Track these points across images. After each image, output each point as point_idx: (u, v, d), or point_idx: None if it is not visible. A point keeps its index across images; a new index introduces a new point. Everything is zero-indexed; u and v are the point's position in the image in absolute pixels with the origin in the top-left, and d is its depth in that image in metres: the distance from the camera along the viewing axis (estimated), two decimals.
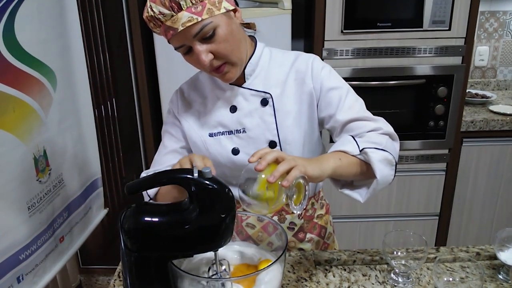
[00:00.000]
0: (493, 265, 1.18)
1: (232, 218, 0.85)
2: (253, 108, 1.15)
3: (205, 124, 1.18)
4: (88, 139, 1.86)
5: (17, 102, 1.36)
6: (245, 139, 1.15)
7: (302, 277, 1.14)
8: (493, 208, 2.44)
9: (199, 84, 1.24)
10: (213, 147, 1.17)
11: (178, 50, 1.05)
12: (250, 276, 0.90)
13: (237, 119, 1.16)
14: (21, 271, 1.39)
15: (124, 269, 0.88)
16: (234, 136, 1.16)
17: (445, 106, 2.22)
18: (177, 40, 1.01)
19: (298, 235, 1.27)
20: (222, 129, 1.17)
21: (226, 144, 1.16)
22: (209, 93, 1.20)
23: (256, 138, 1.15)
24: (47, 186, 1.52)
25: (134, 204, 0.87)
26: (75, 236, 1.74)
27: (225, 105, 1.17)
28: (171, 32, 0.99)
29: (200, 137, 1.18)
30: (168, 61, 2.14)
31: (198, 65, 1.07)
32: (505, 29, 2.68)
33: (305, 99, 1.16)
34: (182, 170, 0.85)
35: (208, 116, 1.18)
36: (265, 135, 1.15)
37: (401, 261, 1.10)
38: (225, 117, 1.16)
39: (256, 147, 1.14)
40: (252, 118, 1.15)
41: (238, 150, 1.16)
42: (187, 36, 1.00)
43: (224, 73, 1.07)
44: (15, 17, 1.34)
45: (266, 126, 1.14)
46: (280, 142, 1.14)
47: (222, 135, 1.17)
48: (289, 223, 1.25)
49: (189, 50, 1.03)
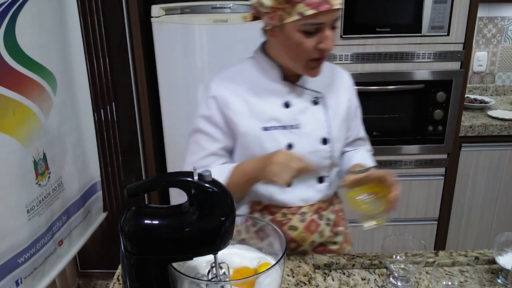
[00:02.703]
0: (492, 270, 1.18)
1: (232, 221, 0.84)
2: (305, 106, 1.19)
3: (257, 117, 1.17)
4: (88, 143, 1.86)
5: (17, 105, 1.36)
6: (299, 135, 1.17)
7: (301, 281, 1.14)
8: (492, 212, 2.45)
9: (244, 76, 1.22)
10: (268, 142, 1.16)
11: (306, 27, 1.04)
12: (249, 279, 0.90)
13: (291, 115, 1.17)
14: (19, 274, 1.38)
15: (123, 272, 0.88)
16: (288, 131, 1.17)
17: (443, 111, 2.23)
18: (321, 16, 1.03)
19: (333, 230, 1.30)
20: (276, 123, 1.17)
21: (281, 139, 1.17)
22: (259, 86, 1.19)
23: (310, 135, 1.18)
24: (47, 190, 1.52)
25: (134, 207, 0.87)
26: (74, 240, 1.74)
27: (279, 100, 1.18)
28: (327, 6, 1.01)
29: (253, 130, 1.17)
30: (168, 65, 2.15)
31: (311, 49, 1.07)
32: (504, 34, 2.69)
33: (348, 105, 1.27)
34: (182, 173, 0.85)
35: (261, 109, 1.18)
36: (317, 132, 1.19)
37: (400, 265, 1.10)
38: (279, 112, 1.17)
39: (309, 143, 1.18)
40: (305, 115, 1.18)
41: (292, 145, 1.17)
42: (331, 16, 1.04)
43: (319, 66, 1.12)
44: (16, 21, 1.34)
45: (318, 123, 1.19)
46: (331, 140, 1.20)
47: (276, 129, 1.17)
48: (326, 219, 1.28)
49: (315, 31, 1.05)
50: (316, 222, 1.25)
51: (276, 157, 1.05)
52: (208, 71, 2.15)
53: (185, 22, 2.08)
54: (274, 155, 1.06)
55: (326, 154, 1.20)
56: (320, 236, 1.26)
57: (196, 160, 1.21)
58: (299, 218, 1.22)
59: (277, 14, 1.05)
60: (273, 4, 1.03)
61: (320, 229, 1.26)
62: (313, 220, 1.24)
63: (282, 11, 1.04)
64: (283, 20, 1.05)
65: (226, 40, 2.10)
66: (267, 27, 1.12)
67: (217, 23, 2.07)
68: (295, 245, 1.26)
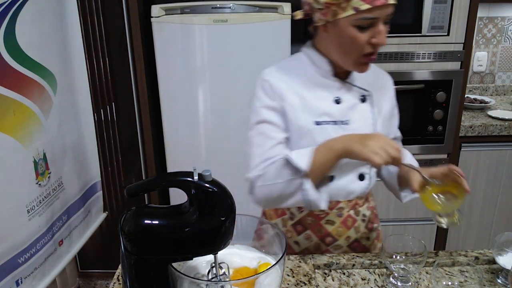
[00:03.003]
0: (492, 270, 1.18)
1: (232, 221, 0.84)
2: (354, 103, 1.21)
3: (310, 111, 1.18)
4: (88, 143, 1.86)
5: (17, 106, 1.36)
6: (348, 131, 1.18)
7: (301, 281, 1.14)
8: (491, 212, 2.45)
9: (295, 71, 1.22)
10: (320, 136, 1.17)
11: (360, 22, 1.05)
12: (249, 279, 0.89)
13: (342, 111, 1.19)
14: (20, 274, 1.38)
15: (123, 272, 0.88)
16: (338, 127, 1.19)
17: (443, 111, 2.23)
18: (376, 11, 1.04)
19: (368, 226, 1.32)
20: (328, 118, 1.18)
21: (332, 134, 1.17)
22: (311, 80, 1.20)
23: (358, 131, 1.18)
24: (47, 190, 1.52)
25: (134, 207, 0.87)
26: (74, 240, 1.74)
27: (330, 95, 1.19)
28: (382, 0, 1.02)
29: (306, 124, 1.18)
30: (168, 65, 2.15)
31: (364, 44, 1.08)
32: (504, 34, 2.69)
33: (390, 104, 1.30)
34: (182, 173, 0.85)
35: (313, 103, 1.18)
36: (365, 129, 1.21)
37: (400, 265, 1.10)
38: (330, 107, 1.19)
39: None
40: (354, 112, 1.20)
41: None
42: (385, 11, 1.05)
43: (369, 62, 1.13)
44: (16, 20, 1.34)
45: (365, 120, 1.22)
46: None
47: (327, 124, 1.18)
48: (362, 215, 1.30)
49: (368, 26, 1.06)
50: (353, 218, 1.27)
51: (376, 138, 1.04)
52: (208, 71, 2.15)
53: (185, 22, 2.08)
54: (373, 135, 1.06)
55: None
56: (356, 231, 1.29)
57: (264, 152, 1.17)
58: (336, 213, 1.25)
59: (331, 9, 1.06)
60: (328, 0, 1.05)
61: (356, 225, 1.28)
62: (350, 215, 1.27)
63: (337, 7, 1.05)
64: (337, 15, 1.06)
65: (226, 40, 2.10)
66: (319, 23, 1.12)
67: (217, 23, 2.07)
68: (330, 239, 1.28)
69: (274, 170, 1.13)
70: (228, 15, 2.07)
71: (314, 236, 1.27)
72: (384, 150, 1.01)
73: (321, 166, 1.10)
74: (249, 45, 2.11)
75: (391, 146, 1.03)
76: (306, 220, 1.27)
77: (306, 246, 1.30)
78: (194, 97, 2.19)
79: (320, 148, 1.11)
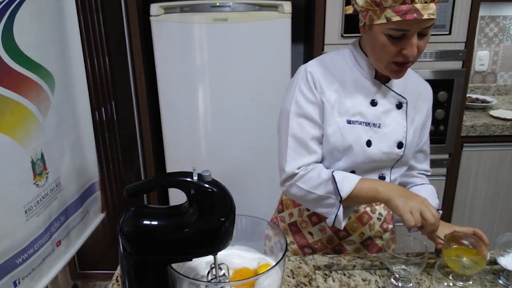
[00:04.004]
0: (493, 270, 1.18)
1: (231, 222, 0.84)
2: (389, 107, 1.21)
3: (344, 108, 1.18)
4: (86, 143, 1.85)
5: (15, 105, 1.35)
6: (379, 134, 1.19)
7: (301, 282, 1.13)
8: (493, 213, 2.44)
9: (337, 67, 1.22)
10: (350, 134, 1.18)
11: (392, 32, 1.05)
12: (249, 280, 0.89)
13: (376, 114, 1.19)
14: (17, 275, 1.38)
15: (122, 272, 0.87)
16: (370, 128, 1.19)
17: (445, 111, 2.22)
18: (409, 24, 1.03)
19: (383, 226, 1.33)
20: (361, 119, 1.19)
21: (362, 135, 1.18)
22: (352, 79, 1.20)
23: (389, 136, 1.20)
24: (44, 190, 1.51)
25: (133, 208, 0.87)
26: (72, 240, 1.74)
27: (367, 97, 1.19)
28: (415, 15, 1.01)
29: (338, 121, 1.18)
30: (167, 64, 2.14)
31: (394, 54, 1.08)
32: (505, 34, 2.68)
33: (425, 116, 1.28)
34: (182, 174, 0.85)
35: (349, 102, 1.19)
36: (396, 135, 1.21)
37: (401, 266, 1.09)
38: (365, 108, 1.19)
39: (387, 143, 1.20)
40: (388, 117, 1.20)
41: (371, 142, 1.19)
42: (419, 25, 1.03)
43: (404, 70, 1.12)
44: (14, 20, 1.34)
45: (398, 127, 1.21)
46: (406, 145, 1.22)
47: (359, 124, 1.19)
48: (378, 213, 1.31)
49: (402, 37, 1.06)
50: (369, 215, 1.29)
51: (420, 200, 1.07)
52: (207, 70, 2.14)
53: (184, 20, 2.07)
54: (419, 197, 1.09)
55: (398, 157, 1.22)
56: (370, 229, 1.30)
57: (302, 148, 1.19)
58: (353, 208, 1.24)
59: (368, 14, 1.08)
60: (364, 5, 1.07)
61: (371, 222, 1.30)
62: (366, 212, 1.29)
63: (373, 13, 1.06)
64: (372, 21, 1.07)
65: (226, 38, 2.09)
66: (361, 24, 1.14)
67: (216, 22, 2.06)
68: (344, 233, 1.29)
69: (316, 180, 1.17)
70: (228, 14, 2.07)
71: (328, 229, 1.29)
72: (419, 213, 1.05)
73: (358, 199, 1.15)
74: (249, 44, 2.10)
75: (431, 212, 1.05)
76: None
77: (320, 238, 1.31)
78: (194, 96, 2.18)
79: (366, 182, 1.14)
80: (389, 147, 1.20)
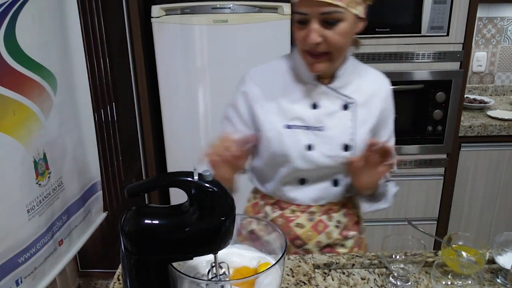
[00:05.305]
0: (491, 269, 1.18)
1: (232, 221, 0.85)
2: (334, 110, 1.18)
3: (282, 114, 1.18)
4: (88, 143, 1.86)
5: (17, 105, 1.36)
6: (321, 137, 1.17)
7: (301, 281, 1.14)
8: (491, 212, 2.45)
9: (278, 72, 1.23)
10: (288, 139, 1.17)
11: (296, 16, 1.07)
12: (249, 279, 0.90)
13: (317, 116, 1.17)
14: (20, 274, 1.38)
15: (124, 271, 0.88)
16: (310, 132, 1.17)
17: (443, 111, 2.23)
18: (306, 6, 1.03)
19: (342, 233, 1.29)
20: (300, 123, 1.17)
21: (302, 139, 1.17)
22: (289, 84, 1.20)
23: (333, 139, 1.17)
24: (47, 189, 1.52)
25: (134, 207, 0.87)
26: (74, 240, 1.74)
27: (307, 100, 1.18)
28: None
29: (275, 127, 1.18)
30: (168, 66, 2.15)
31: (301, 40, 1.09)
32: (503, 35, 2.69)
33: (380, 114, 1.22)
34: (182, 173, 0.85)
35: (287, 107, 1.18)
36: (340, 138, 1.18)
37: (399, 265, 1.10)
38: (305, 112, 1.17)
39: (330, 147, 1.17)
40: (332, 119, 1.18)
41: (312, 146, 1.17)
42: (317, 9, 1.03)
43: (317, 62, 1.10)
44: (16, 21, 1.35)
45: (344, 129, 1.18)
46: (354, 147, 1.18)
47: (299, 128, 1.17)
48: (336, 221, 1.27)
49: (305, 21, 1.06)
50: (325, 223, 1.25)
51: None
52: (208, 71, 2.15)
53: (185, 22, 2.08)
54: None
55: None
56: (328, 237, 1.26)
57: None
58: (307, 217, 1.23)
59: None
60: None
61: (328, 230, 1.26)
62: (322, 220, 1.25)
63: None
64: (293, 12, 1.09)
65: (226, 40, 2.10)
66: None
67: (217, 24, 2.07)
68: (300, 242, 1.26)
69: None
70: (228, 16, 2.08)
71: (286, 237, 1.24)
72: None
73: None
74: (249, 45, 2.11)
75: None
76: (277, 221, 1.26)
77: None
78: (194, 97, 2.19)
79: None
80: (333, 151, 1.17)
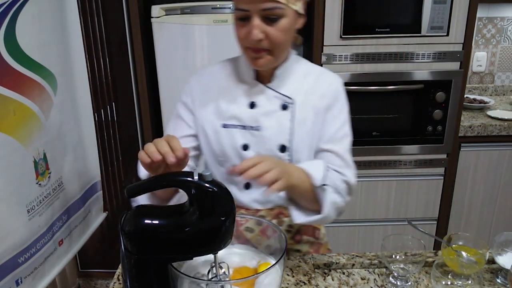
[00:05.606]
0: (491, 269, 1.19)
1: (232, 221, 0.85)
2: (272, 109, 1.16)
3: (220, 114, 1.18)
4: (88, 143, 1.86)
5: (17, 105, 1.36)
6: (257, 137, 1.16)
7: (301, 281, 1.14)
8: (491, 212, 2.45)
9: (219, 74, 1.23)
10: (224, 139, 1.17)
11: (237, 13, 1.06)
12: (249, 279, 0.90)
13: (254, 116, 1.16)
14: (20, 274, 1.39)
15: (124, 271, 0.88)
16: (247, 132, 1.16)
17: (443, 111, 2.23)
18: (247, 2, 1.03)
19: (295, 238, 1.28)
20: (237, 122, 1.17)
21: (238, 138, 1.16)
22: (230, 84, 1.20)
23: (268, 139, 1.16)
24: (47, 189, 1.52)
25: (134, 207, 0.87)
26: (74, 240, 1.75)
27: (245, 99, 1.18)
28: None
29: (213, 126, 1.18)
30: (168, 65, 2.15)
31: (243, 37, 1.09)
32: (503, 35, 2.69)
33: (321, 113, 1.18)
34: (182, 173, 0.85)
35: (225, 107, 1.18)
36: (277, 138, 1.16)
37: (399, 265, 1.10)
38: (242, 111, 1.17)
39: (266, 147, 1.16)
40: (269, 119, 1.16)
41: (248, 146, 1.16)
42: (258, 5, 1.02)
43: (260, 57, 1.09)
44: (16, 21, 1.35)
45: (281, 129, 1.16)
46: (291, 148, 1.16)
47: (235, 128, 1.17)
48: (287, 225, 1.25)
49: (246, 18, 1.05)
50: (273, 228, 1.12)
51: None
52: None
53: (185, 22, 2.08)
54: None
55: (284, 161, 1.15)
56: None
57: None
58: (256, 221, 1.15)
59: None
60: None
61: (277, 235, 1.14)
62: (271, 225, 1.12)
63: None
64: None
65: (226, 40, 2.09)
66: None
67: (217, 23, 2.07)
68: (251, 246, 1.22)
69: None
70: (228, 16, 2.08)
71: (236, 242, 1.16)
72: None
73: None
74: None
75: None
76: None
77: None
78: None
79: None
80: (269, 151, 1.16)
